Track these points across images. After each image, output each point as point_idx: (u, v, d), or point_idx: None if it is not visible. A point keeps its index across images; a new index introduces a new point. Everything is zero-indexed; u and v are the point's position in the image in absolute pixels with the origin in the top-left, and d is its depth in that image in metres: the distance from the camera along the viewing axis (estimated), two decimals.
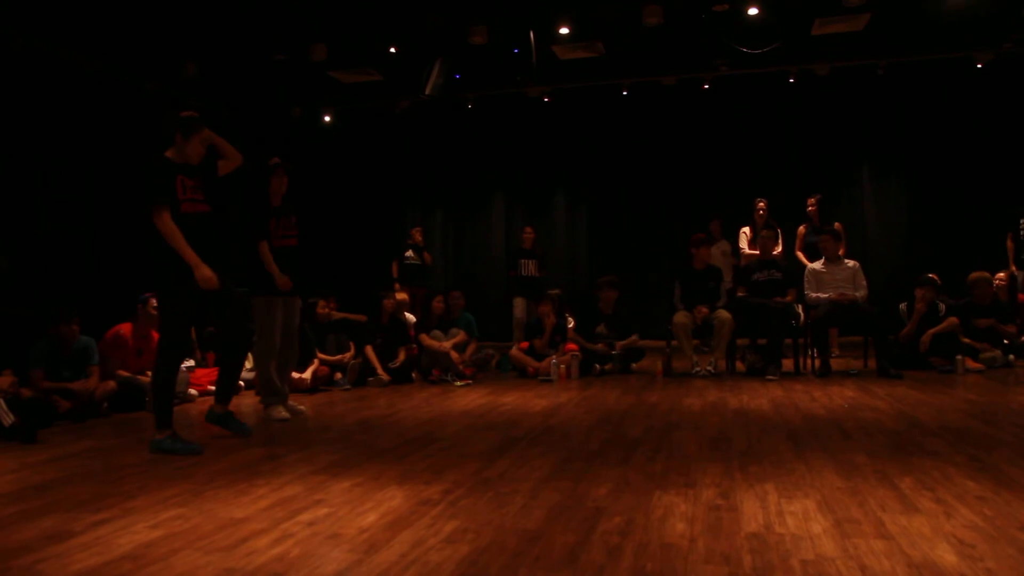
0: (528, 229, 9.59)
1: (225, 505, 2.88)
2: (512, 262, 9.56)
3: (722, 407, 5.09)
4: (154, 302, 6.01)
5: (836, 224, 8.21)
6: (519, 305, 9.28)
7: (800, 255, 8.25)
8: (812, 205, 8.43)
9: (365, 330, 7.51)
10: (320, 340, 7.02)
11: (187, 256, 4.00)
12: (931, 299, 7.07)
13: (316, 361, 6.83)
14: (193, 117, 4.24)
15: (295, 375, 6.70)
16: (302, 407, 5.41)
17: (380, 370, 7.14)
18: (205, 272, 4.01)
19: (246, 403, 6.24)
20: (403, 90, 9.93)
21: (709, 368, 6.94)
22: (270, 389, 5.27)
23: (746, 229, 8.52)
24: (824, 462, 3.33)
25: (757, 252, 7.87)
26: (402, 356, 7.33)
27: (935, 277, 7.27)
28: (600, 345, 7.54)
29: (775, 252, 7.73)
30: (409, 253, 9.94)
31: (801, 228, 8.44)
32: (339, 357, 7.05)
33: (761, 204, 8.44)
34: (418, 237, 10.09)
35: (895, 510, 2.59)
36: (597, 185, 11.36)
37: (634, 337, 7.67)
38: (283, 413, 5.17)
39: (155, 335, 6.21)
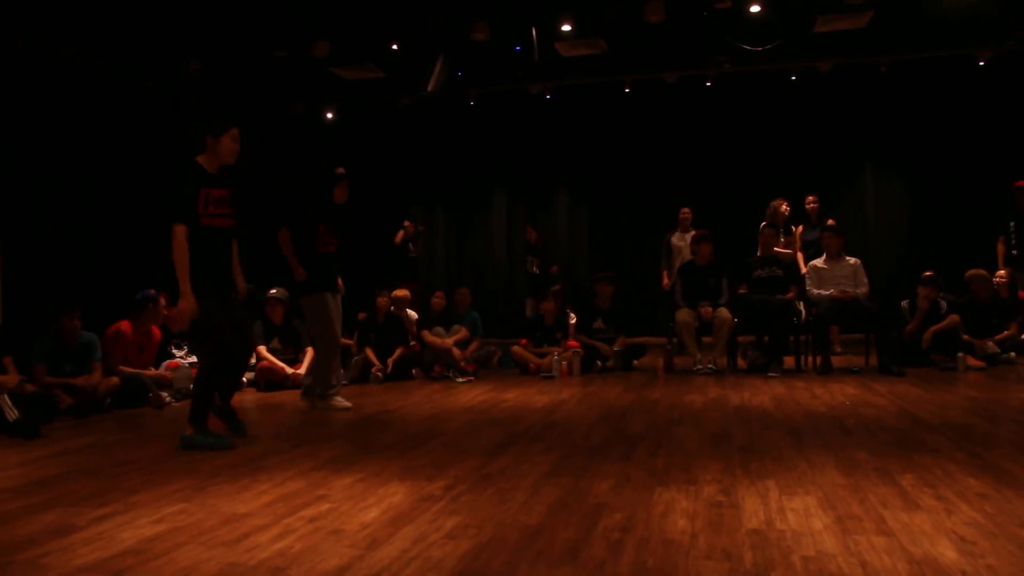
0: (529, 227, 9.53)
1: (227, 500, 2.89)
2: (524, 259, 9.57)
3: (723, 404, 5.09)
4: (164, 300, 6.05)
5: (829, 221, 8.21)
6: (530, 306, 9.25)
7: (799, 256, 8.23)
8: (812, 203, 8.42)
9: (364, 328, 7.52)
10: None
11: (181, 281, 3.92)
12: (934, 297, 7.07)
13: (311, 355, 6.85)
14: (220, 115, 4.27)
15: (290, 370, 6.73)
16: (348, 404, 5.53)
17: (376, 366, 7.15)
18: (185, 305, 3.91)
19: (248, 398, 6.26)
20: (405, 87, 9.92)
21: (710, 366, 6.94)
22: (328, 381, 5.40)
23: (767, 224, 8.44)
24: (825, 459, 3.34)
25: (788, 251, 7.91)
26: (396, 354, 7.32)
27: (932, 274, 7.25)
28: (604, 346, 7.54)
29: (791, 251, 7.75)
30: (410, 246, 9.93)
31: (799, 228, 8.43)
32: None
33: (785, 205, 8.40)
34: (409, 228, 10.07)
35: (896, 507, 2.59)
36: (599, 182, 11.34)
37: (622, 339, 7.67)
38: (344, 403, 5.36)
39: (156, 331, 6.25)
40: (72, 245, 7.39)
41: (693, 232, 8.46)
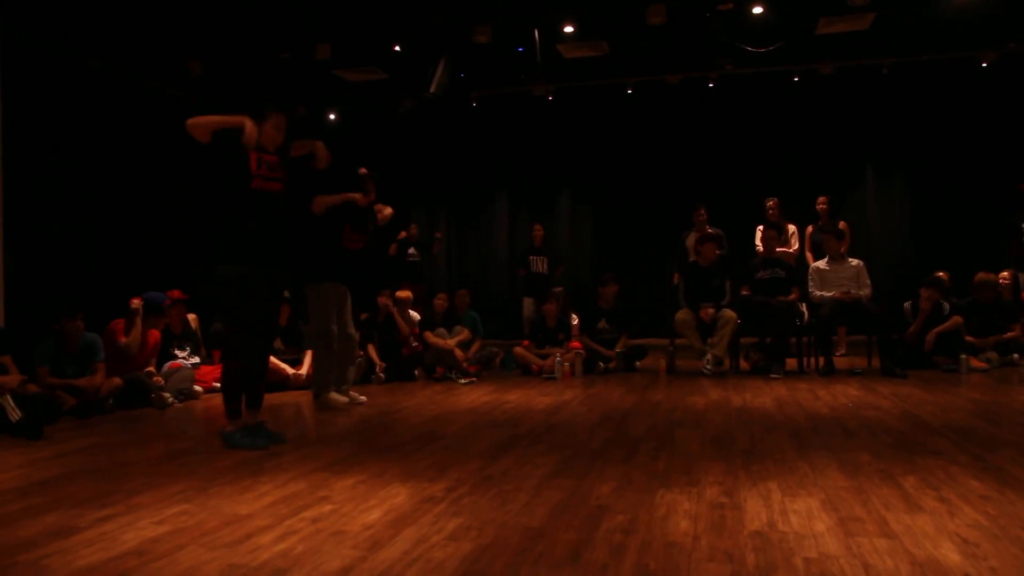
0: (537, 226, 9.53)
1: (229, 501, 2.89)
2: (522, 259, 9.53)
3: (726, 405, 5.08)
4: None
5: (841, 223, 8.20)
6: (528, 304, 9.22)
7: (808, 255, 8.23)
8: (822, 204, 8.40)
9: (367, 327, 7.53)
10: None
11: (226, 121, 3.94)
12: (936, 299, 7.06)
13: (311, 355, 6.85)
14: (261, 102, 4.14)
15: (291, 371, 6.71)
16: (362, 398, 5.72)
17: (379, 366, 7.14)
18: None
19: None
20: (408, 89, 9.94)
21: (708, 367, 6.92)
22: (324, 378, 5.54)
23: (762, 227, 8.44)
24: (828, 461, 3.33)
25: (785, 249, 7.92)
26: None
27: (944, 276, 7.23)
28: (607, 350, 7.54)
29: (792, 250, 7.70)
30: (411, 251, 9.95)
31: (809, 228, 8.43)
32: None
33: (771, 203, 8.42)
34: (415, 232, 10.16)
35: (899, 509, 2.58)
36: (601, 184, 11.35)
37: (623, 339, 7.67)
38: (340, 399, 5.49)
39: (154, 332, 6.23)
40: (76, 246, 7.41)
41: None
